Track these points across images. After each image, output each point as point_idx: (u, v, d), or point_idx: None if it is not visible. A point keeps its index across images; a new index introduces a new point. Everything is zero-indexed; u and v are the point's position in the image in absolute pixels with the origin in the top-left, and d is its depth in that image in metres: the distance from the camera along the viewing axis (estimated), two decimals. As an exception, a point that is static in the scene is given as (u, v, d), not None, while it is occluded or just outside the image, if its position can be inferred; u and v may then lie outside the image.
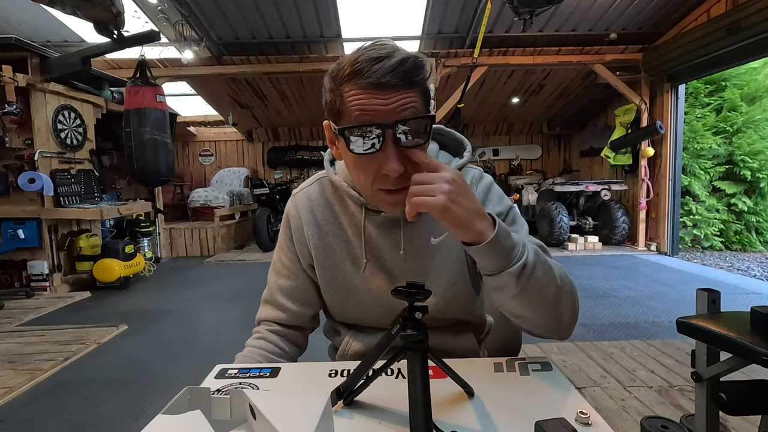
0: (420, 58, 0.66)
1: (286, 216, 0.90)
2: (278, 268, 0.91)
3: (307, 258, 0.87)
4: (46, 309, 3.59)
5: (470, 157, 0.85)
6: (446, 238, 0.77)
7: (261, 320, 0.92)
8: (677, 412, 1.77)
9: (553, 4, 3.73)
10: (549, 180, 6.98)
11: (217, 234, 6.24)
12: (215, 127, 8.36)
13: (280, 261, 0.91)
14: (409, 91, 0.65)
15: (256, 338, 0.90)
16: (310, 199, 0.87)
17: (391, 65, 0.63)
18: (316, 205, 0.86)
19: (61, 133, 4.17)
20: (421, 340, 0.55)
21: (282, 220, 0.91)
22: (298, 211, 0.87)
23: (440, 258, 0.82)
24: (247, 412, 0.57)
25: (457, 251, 0.82)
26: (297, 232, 0.87)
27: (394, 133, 0.63)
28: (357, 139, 0.64)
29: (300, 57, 5.47)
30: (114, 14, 3.49)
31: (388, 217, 0.80)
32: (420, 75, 0.66)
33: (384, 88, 0.63)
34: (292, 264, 0.89)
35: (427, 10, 4.88)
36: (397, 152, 0.64)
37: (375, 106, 0.63)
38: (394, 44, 0.66)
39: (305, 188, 0.89)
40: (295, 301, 0.90)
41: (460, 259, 0.82)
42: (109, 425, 1.90)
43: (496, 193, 0.84)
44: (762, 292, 3.74)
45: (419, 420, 0.50)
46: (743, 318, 1.03)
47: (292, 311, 0.90)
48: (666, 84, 5.37)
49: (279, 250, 0.92)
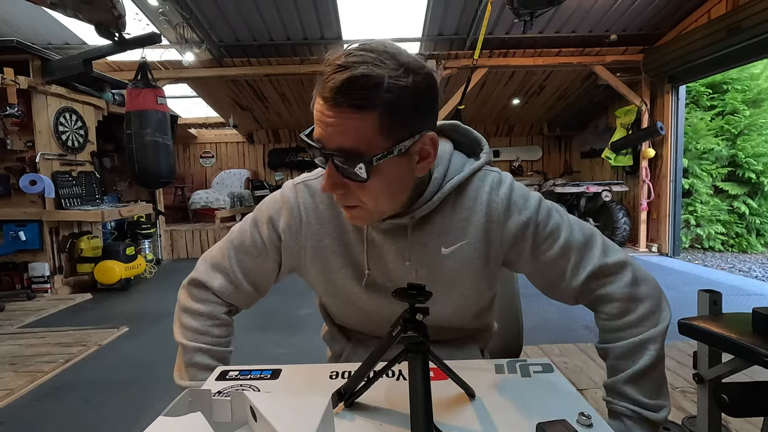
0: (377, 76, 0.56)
1: (281, 201, 0.79)
2: (246, 245, 0.81)
3: (294, 256, 0.80)
4: (47, 311, 3.58)
5: (488, 158, 0.77)
6: (459, 248, 0.75)
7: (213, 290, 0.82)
8: (679, 413, 1.77)
9: (553, 6, 3.73)
10: (550, 181, 6.98)
11: (218, 236, 6.23)
12: (216, 128, 8.36)
13: (252, 238, 0.80)
14: (355, 114, 0.57)
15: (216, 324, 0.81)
16: (313, 195, 0.78)
17: (338, 82, 0.56)
18: (319, 202, 0.78)
19: (62, 135, 4.18)
20: (422, 342, 0.55)
21: (271, 201, 0.81)
22: (298, 204, 0.78)
23: (451, 269, 0.75)
24: (247, 413, 0.57)
25: (472, 262, 0.75)
26: (292, 227, 0.78)
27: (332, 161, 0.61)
28: (312, 150, 0.63)
29: (301, 59, 5.48)
30: (115, 17, 3.50)
31: (393, 224, 0.72)
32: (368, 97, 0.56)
33: (329, 104, 0.58)
34: (265, 248, 0.80)
35: (427, 11, 4.89)
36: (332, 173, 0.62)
37: (321, 120, 0.60)
38: (373, 54, 0.57)
39: (308, 180, 0.80)
40: (252, 283, 0.82)
41: (474, 270, 0.76)
42: (110, 427, 1.90)
43: (519, 194, 0.75)
44: (764, 293, 3.73)
45: (420, 421, 0.50)
46: (745, 319, 1.03)
47: (245, 291, 0.82)
48: (666, 85, 5.37)
49: (254, 226, 0.81)
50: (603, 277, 0.74)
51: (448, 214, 0.74)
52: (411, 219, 0.72)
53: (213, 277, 0.82)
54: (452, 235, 0.75)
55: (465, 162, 0.77)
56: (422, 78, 0.59)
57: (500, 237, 0.75)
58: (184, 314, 0.82)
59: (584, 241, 0.75)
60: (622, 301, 0.73)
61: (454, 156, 0.77)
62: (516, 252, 0.76)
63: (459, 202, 0.75)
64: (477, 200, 0.74)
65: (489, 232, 0.75)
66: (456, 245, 0.75)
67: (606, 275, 0.74)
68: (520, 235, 0.74)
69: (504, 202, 0.74)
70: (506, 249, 0.76)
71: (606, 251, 0.75)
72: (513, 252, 0.76)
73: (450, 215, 0.74)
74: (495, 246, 0.75)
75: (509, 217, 0.74)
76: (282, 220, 0.79)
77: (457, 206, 0.75)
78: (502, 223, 0.74)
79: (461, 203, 0.75)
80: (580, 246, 0.74)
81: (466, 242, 0.75)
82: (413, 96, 0.59)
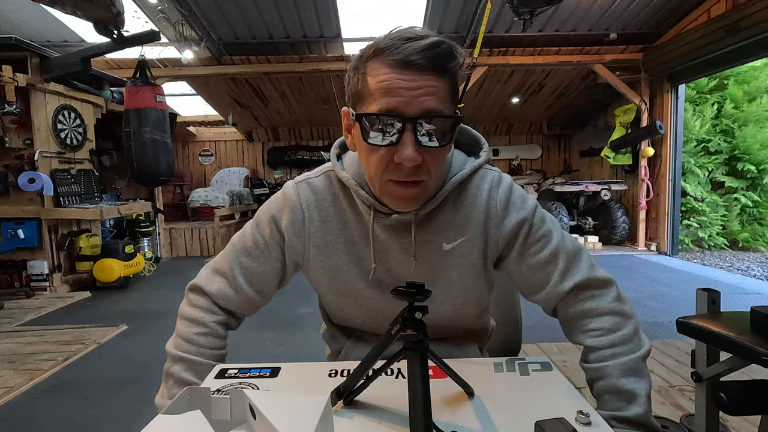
0: (454, 45, 0.61)
1: (283, 200, 0.79)
2: (248, 246, 0.80)
3: (298, 253, 0.79)
4: (46, 309, 3.58)
5: (487, 156, 0.79)
6: (460, 245, 0.76)
7: (209, 294, 0.80)
8: (677, 412, 1.77)
9: (553, 4, 3.73)
10: (549, 180, 6.98)
11: (217, 234, 6.23)
12: (215, 127, 8.35)
13: (254, 240, 0.80)
14: (438, 79, 0.60)
15: (203, 333, 0.78)
16: (316, 193, 0.78)
17: (422, 45, 0.59)
18: (322, 200, 0.78)
19: (61, 133, 4.17)
20: (422, 340, 0.55)
21: (273, 201, 0.81)
22: (300, 202, 0.78)
23: (452, 265, 0.77)
24: (247, 412, 0.57)
25: (472, 259, 0.77)
26: (295, 224, 0.78)
27: (414, 128, 0.60)
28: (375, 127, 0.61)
29: (300, 57, 5.47)
30: (114, 14, 3.49)
31: (398, 220, 0.72)
32: (452, 62, 0.61)
33: (411, 69, 0.59)
34: (268, 248, 0.79)
35: (426, 10, 4.88)
36: (415, 141, 0.61)
37: (398, 88, 0.59)
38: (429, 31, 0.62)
39: (310, 179, 0.80)
40: (253, 286, 0.81)
41: (473, 267, 0.77)
42: (109, 425, 1.90)
43: (518, 195, 0.77)
44: (762, 292, 3.74)
45: (419, 420, 0.50)
46: (743, 318, 1.03)
47: (246, 295, 0.80)
48: (666, 84, 5.38)
49: (256, 227, 0.80)
50: (590, 290, 0.75)
51: (450, 211, 0.75)
52: (415, 215, 0.73)
53: (211, 281, 0.81)
54: (453, 232, 0.76)
55: (466, 160, 0.78)
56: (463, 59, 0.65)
57: (497, 235, 0.76)
58: (178, 320, 0.82)
59: (574, 251, 0.76)
60: (612, 316, 0.74)
61: (455, 154, 0.78)
62: (507, 249, 0.78)
63: (460, 199, 0.76)
64: (477, 197, 0.76)
65: (487, 230, 0.76)
66: (457, 241, 0.76)
67: (593, 288, 0.75)
68: (514, 232, 0.76)
69: (503, 201, 0.76)
70: (501, 247, 0.77)
71: (593, 266, 0.77)
72: (505, 249, 0.78)
73: (452, 212, 0.76)
74: (492, 243, 0.77)
75: (507, 216, 0.76)
76: (284, 218, 0.78)
77: (458, 203, 0.76)
78: (500, 221, 0.76)
79: (462, 200, 0.76)
80: (570, 254, 0.76)
81: (465, 238, 0.76)
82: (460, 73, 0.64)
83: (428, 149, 0.62)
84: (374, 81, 0.61)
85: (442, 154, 0.66)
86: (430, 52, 0.59)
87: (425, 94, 0.59)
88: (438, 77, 0.60)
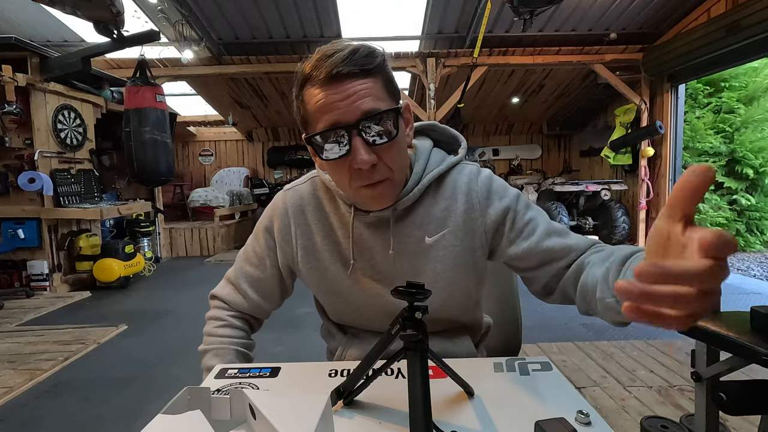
0: (371, 45, 0.65)
1: (272, 209, 0.86)
2: (249, 256, 0.89)
3: (288, 257, 0.85)
4: (45, 309, 3.58)
5: (465, 153, 0.83)
6: (442, 237, 0.77)
7: (221, 299, 0.91)
8: (677, 411, 1.77)
9: (553, 4, 3.73)
10: (549, 180, 6.98)
11: (217, 234, 6.24)
12: (215, 126, 8.35)
13: (253, 249, 0.88)
14: (367, 80, 0.64)
15: (221, 326, 0.88)
16: (301, 198, 0.84)
17: (342, 56, 0.62)
18: (306, 204, 0.83)
19: (60, 133, 4.17)
20: (421, 340, 0.55)
21: (265, 211, 0.88)
22: (287, 209, 0.84)
23: (436, 258, 0.78)
24: (246, 411, 0.57)
25: (456, 251, 0.77)
26: (283, 230, 0.84)
27: (360, 132, 0.63)
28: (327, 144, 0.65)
29: (300, 57, 5.39)
30: (114, 14, 3.49)
31: (377, 217, 0.76)
32: (374, 61, 0.64)
33: (339, 81, 0.63)
34: (264, 256, 0.87)
35: (427, 9, 4.88)
36: (365, 144, 0.64)
37: (333, 102, 0.63)
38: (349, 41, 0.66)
39: (296, 186, 0.86)
40: (257, 292, 0.89)
41: (458, 259, 0.78)
42: (109, 425, 1.90)
43: (498, 184, 0.79)
44: (762, 292, 3.74)
45: (419, 420, 0.50)
46: (743, 318, 1.03)
47: (252, 300, 0.89)
48: (666, 84, 5.37)
49: (254, 238, 0.89)
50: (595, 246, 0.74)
51: (428, 205, 0.78)
52: (393, 211, 0.75)
53: (224, 289, 0.91)
54: (434, 225, 0.77)
55: (444, 157, 0.82)
56: None
57: (483, 225, 0.77)
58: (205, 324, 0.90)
59: (561, 229, 0.77)
60: None
61: (434, 152, 0.81)
62: (497, 238, 0.79)
63: (439, 192, 0.78)
64: (456, 190, 0.78)
65: (470, 221, 0.77)
66: (439, 234, 0.77)
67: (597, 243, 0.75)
68: (500, 220, 0.77)
69: (484, 191, 0.78)
70: (490, 237, 0.78)
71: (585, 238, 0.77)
72: (495, 239, 0.79)
73: (431, 205, 0.78)
74: (479, 234, 0.78)
75: (490, 205, 0.77)
76: (275, 226, 0.85)
77: (437, 197, 0.78)
78: (483, 210, 0.77)
79: (441, 194, 0.78)
80: (561, 231, 0.76)
81: (448, 231, 0.77)
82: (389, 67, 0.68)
83: (381, 147, 0.65)
84: (312, 104, 0.65)
85: (397, 147, 0.68)
86: (351, 59, 0.62)
87: (359, 98, 0.63)
88: (366, 78, 0.64)
